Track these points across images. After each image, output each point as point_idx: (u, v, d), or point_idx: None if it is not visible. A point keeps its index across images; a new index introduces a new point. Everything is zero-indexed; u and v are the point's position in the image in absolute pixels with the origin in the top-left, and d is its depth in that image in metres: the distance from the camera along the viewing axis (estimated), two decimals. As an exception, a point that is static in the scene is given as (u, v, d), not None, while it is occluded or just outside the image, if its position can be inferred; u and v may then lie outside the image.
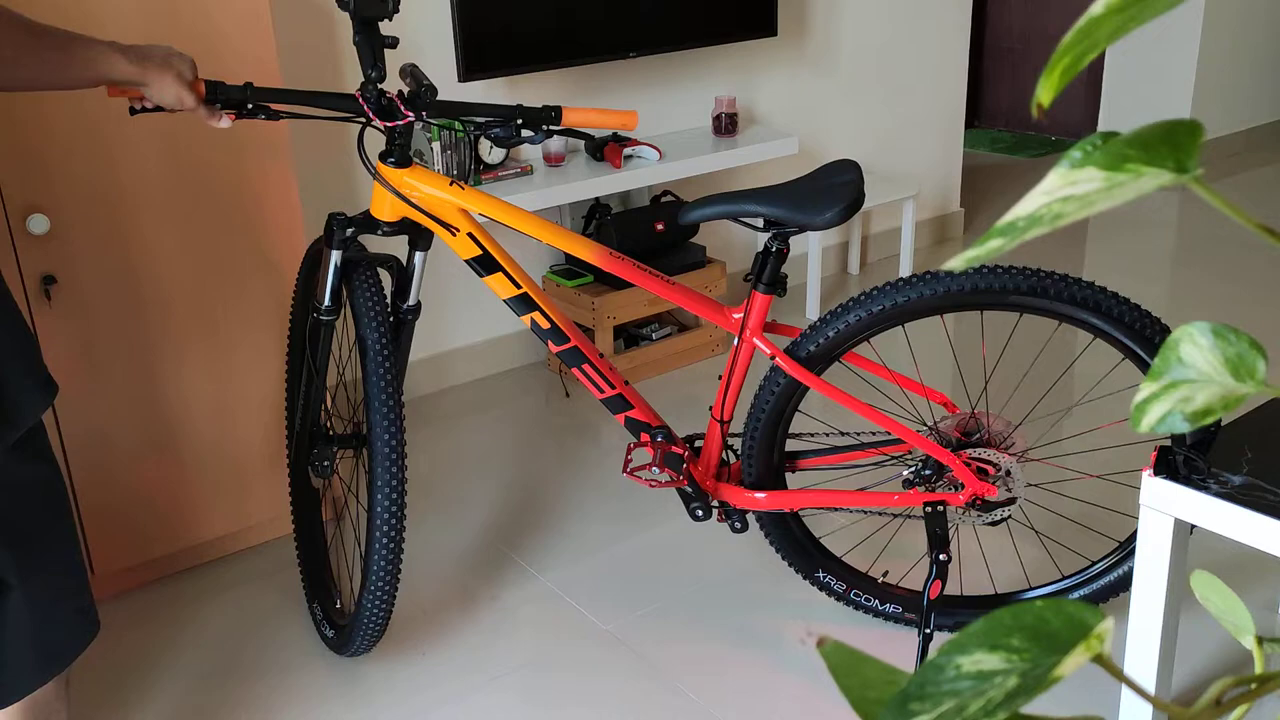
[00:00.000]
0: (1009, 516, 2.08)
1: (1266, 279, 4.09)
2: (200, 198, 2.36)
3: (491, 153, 3.26)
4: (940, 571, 2.08)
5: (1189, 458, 1.72)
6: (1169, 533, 1.73)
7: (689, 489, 2.15)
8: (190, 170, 2.33)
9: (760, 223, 2.00)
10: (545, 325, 2.08)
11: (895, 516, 2.29)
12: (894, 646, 2.26)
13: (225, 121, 1.82)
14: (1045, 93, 0.43)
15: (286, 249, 2.48)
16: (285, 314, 2.51)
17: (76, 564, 1.60)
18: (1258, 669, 0.52)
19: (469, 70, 3.15)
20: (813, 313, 3.95)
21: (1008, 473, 2.05)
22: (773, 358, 2.02)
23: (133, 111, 1.79)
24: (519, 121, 2.00)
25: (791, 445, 3.01)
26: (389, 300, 2.12)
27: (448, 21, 3.19)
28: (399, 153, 2.01)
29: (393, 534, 2.04)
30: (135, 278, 2.32)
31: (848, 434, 2.19)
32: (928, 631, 2.10)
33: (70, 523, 1.58)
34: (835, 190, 1.96)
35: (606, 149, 3.40)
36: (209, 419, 2.49)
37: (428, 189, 2.02)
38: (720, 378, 2.15)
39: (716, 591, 2.46)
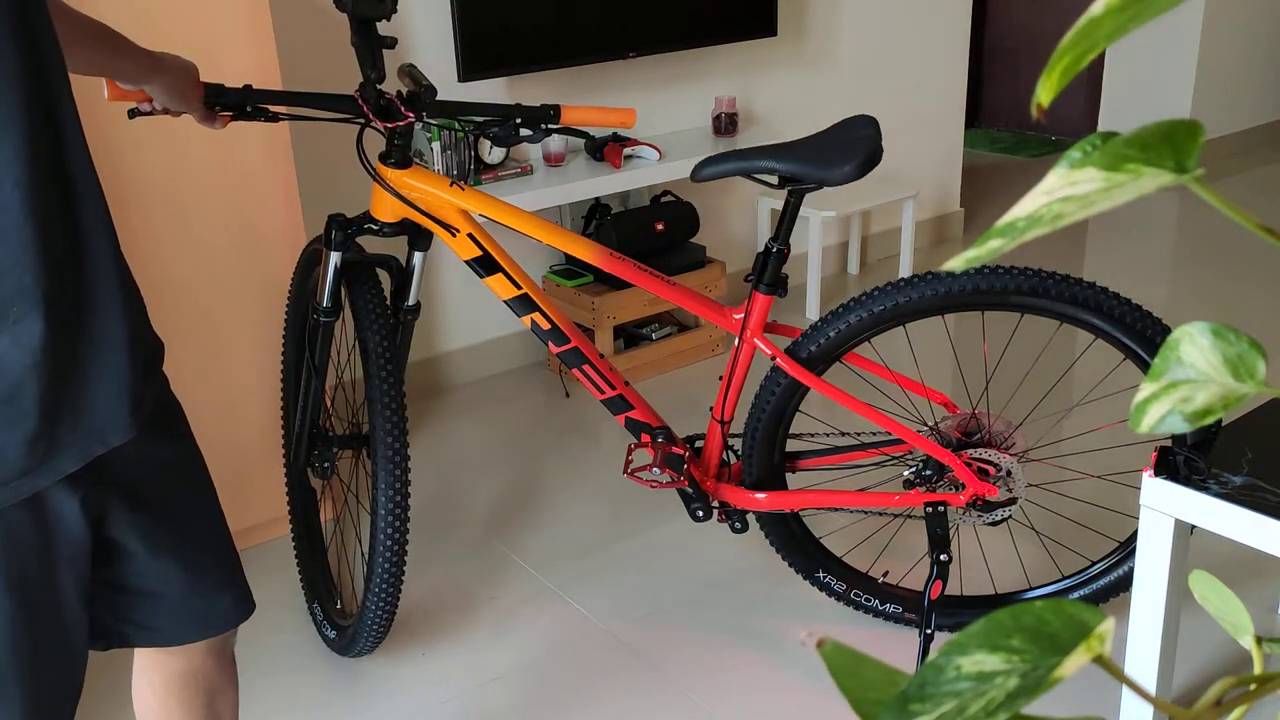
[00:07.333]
0: (1009, 517, 2.08)
1: (1266, 279, 4.09)
2: (200, 197, 2.36)
3: (491, 153, 3.26)
4: (941, 572, 2.08)
5: (1189, 458, 1.72)
6: (1169, 533, 1.73)
7: (689, 489, 2.15)
8: (190, 170, 2.33)
9: (775, 180, 1.97)
10: (545, 326, 2.07)
11: (896, 517, 2.29)
12: (894, 647, 2.26)
13: (219, 124, 1.83)
14: (1045, 93, 0.43)
15: (286, 249, 2.48)
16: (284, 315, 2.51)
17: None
18: (1256, 669, 0.52)
19: (469, 70, 3.15)
20: (813, 313, 3.95)
21: (1008, 473, 2.04)
22: (773, 358, 2.02)
23: (132, 115, 1.78)
24: (518, 120, 1.99)
25: (792, 445, 3.01)
26: (388, 301, 2.12)
27: (447, 22, 3.19)
28: (398, 153, 2.01)
29: (396, 535, 2.04)
30: (135, 277, 2.32)
31: (848, 434, 2.19)
32: (929, 632, 2.10)
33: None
34: (853, 144, 1.93)
35: (606, 149, 3.40)
36: (208, 419, 2.48)
37: (428, 190, 2.02)
38: (721, 378, 2.14)
39: (716, 592, 2.46)
